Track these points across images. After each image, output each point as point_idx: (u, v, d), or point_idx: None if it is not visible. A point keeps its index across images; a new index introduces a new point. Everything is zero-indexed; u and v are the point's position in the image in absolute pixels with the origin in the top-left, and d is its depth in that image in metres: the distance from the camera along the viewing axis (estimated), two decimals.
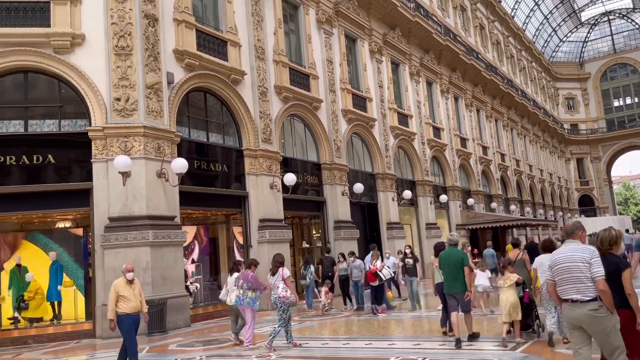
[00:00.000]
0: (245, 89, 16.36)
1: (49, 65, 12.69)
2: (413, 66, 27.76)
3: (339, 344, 8.93)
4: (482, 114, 37.17)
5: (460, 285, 8.16)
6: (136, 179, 12.49)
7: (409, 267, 13.51)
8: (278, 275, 9.13)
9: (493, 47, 43.01)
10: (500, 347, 7.73)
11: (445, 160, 29.61)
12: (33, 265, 13.27)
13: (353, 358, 7.45)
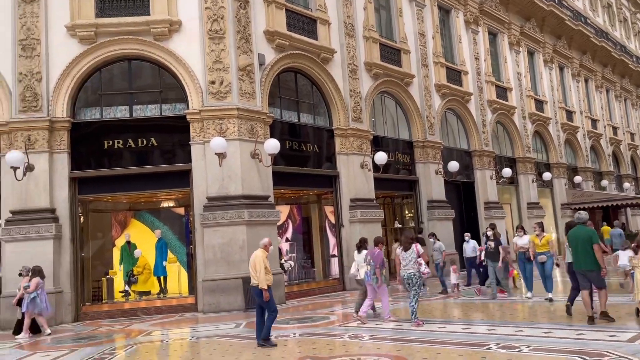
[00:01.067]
0: (335, 68, 16.18)
1: (150, 52, 13.30)
2: (512, 35, 26.01)
3: (433, 327, 8.64)
4: (591, 84, 34.17)
5: (590, 262, 8.03)
6: (231, 160, 12.84)
7: (490, 250, 12.32)
8: (412, 252, 9.12)
9: (603, 10, 39.21)
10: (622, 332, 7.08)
11: (549, 135, 27.64)
12: (141, 242, 14.17)
13: (450, 342, 7.15)
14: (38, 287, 10.92)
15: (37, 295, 10.86)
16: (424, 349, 6.83)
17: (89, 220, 14.02)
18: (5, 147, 12.67)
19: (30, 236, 12.25)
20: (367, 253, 9.81)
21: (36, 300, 10.84)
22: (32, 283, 10.94)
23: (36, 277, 11.01)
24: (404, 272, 9.13)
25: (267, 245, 8.24)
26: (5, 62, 12.95)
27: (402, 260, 9.18)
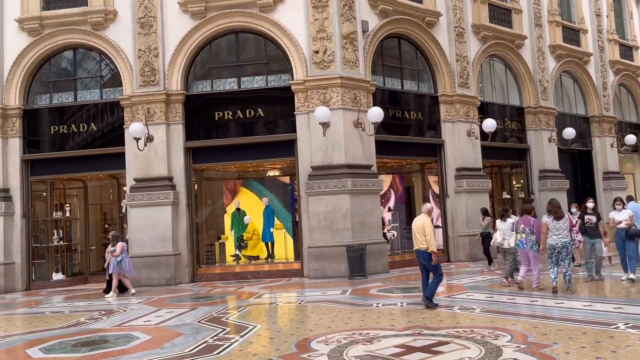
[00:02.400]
0: (441, 31, 15.52)
1: (256, 24, 13.58)
2: None
3: (550, 303, 8.21)
4: None
5: None
6: (335, 129, 12.88)
7: (590, 225, 10.52)
8: (565, 221, 9.12)
9: None
10: None
11: None
12: (249, 210, 14.80)
13: (573, 319, 6.73)
14: (122, 250, 11.86)
15: (122, 258, 11.80)
16: (543, 324, 6.50)
17: (202, 188, 14.85)
18: (128, 119, 13.68)
19: (151, 202, 13.24)
20: (520, 221, 9.76)
21: (122, 263, 11.81)
22: (118, 247, 11.89)
23: (121, 243, 11.97)
24: (556, 241, 9.01)
25: (430, 211, 8.61)
26: (126, 40, 13.87)
27: (554, 230, 9.06)
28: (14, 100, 14.16)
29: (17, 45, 14.20)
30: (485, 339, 5.75)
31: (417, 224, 8.31)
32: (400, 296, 9.41)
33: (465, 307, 7.87)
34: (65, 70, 14.75)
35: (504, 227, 10.82)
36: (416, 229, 8.26)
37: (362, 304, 8.72)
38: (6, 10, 14.33)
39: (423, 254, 8.17)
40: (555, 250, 9.07)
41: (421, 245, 8.13)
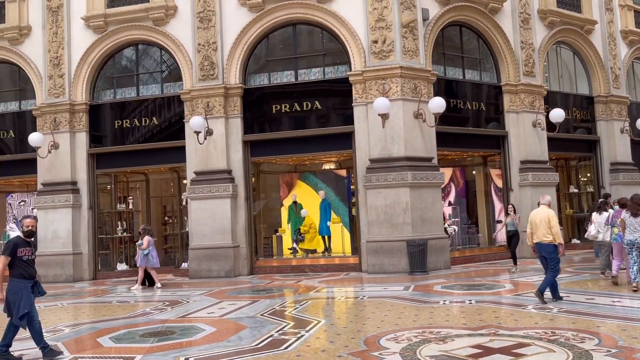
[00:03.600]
0: (504, 18, 14.85)
1: (313, 15, 13.41)
2: None
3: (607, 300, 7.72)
4: None
5: None
6: (394, 121, 12.57)
7: None
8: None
9: None
10: None
11: None
12: (306, 203, 14.71)
13: None
14: (149, 244, 11.98)
15: (149, 251, 11.93)
16: (631, 326, 6.02)
17: (259, 180, 14.89)
18: (188, 113, 13.85)
19: (211, 194, 13.37)
20: (616, 214, 9.46)
21: (148, 256, 11.93)
22: (145, 241, 12.01)
23: (147, 236, 12.09)
24: (636, 237, 8.54)
25: (550, 203, 8.40)
26: (186, 35, 14.03)
27: (631, 225, 8.61)
28: (80, 96, 14.63)
29: (83, 42, 14.65)
30: (570, 341, 5.36)
31: (541, 216, 8.00)
32: (468, 293, 9.04)
33: (540, 306, 7.43)
34: (127, 66, 15.11)
35: (599, 220, 10.32)
36: (540, 221, 7.95)
37: (428, 300, 8.43)
38: (73, 9, 14.79)
39: (547, 247, 7.86)
40: (635, 246, 8.55)
41: (544, 238, 7.85)
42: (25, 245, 5.88)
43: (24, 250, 5.82)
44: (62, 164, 14.43)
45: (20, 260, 5.76)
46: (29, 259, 5.87)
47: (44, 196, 14.39)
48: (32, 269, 5.89)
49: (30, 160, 14.91)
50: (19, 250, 5.77)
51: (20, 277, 5.75)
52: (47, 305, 9.93)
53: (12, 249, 5.77)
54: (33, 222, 6.12)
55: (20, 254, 5.77)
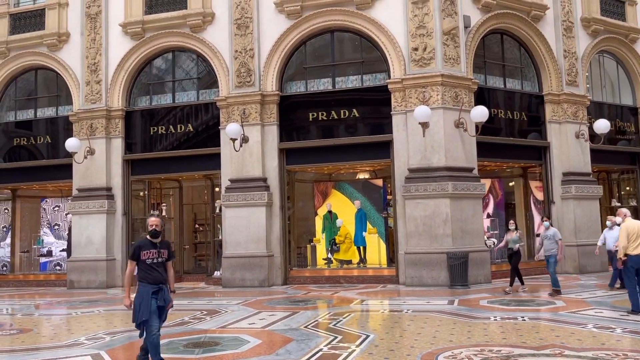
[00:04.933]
0: (547, 26, 14.47)
1: (352, 22, 13.23)
2: None
3: None
4: None
5: None
6: (434, 130, 12.26)
7: None
8: None
9: None
10: None
11: None
12: (341, 212, 14.44)
13: None
14: None
15: None
16: None
17: (294, 189, 14.67)
18: (224, 120, 13.75)
19: (246, 202, 13.21)
20: None
21: None
22: None
23: None
24: None
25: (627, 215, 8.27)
26: (223, 42, 13.97)
27: None
28: (117, 102, 14.66)
29: (120, 49, 14.71)
30: None
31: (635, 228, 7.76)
32: (517, 309, 8.64)
33: (601, 325, 7.01)
34: (163, 73, 15.11)
35: None
36: (631, 233, 7.72)
37: (477, 316, 8.06)
38: (111, 16, 14.87)
39: None
40: None
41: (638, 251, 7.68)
42: (150, 247, 5.48)
43: (149, 253, 5.45)
44: (97, 169, 14.44)
45: (144, 264, 5.42)
46: (154, 262, 5.45)
47: (78, 201, 14.40)
48: (156, 273, 5.45)
49: (65, 166, 14.97)
50: (143, 253, 5.43)
51: (144, 281, 5.40)
52: (84, 312, 9.82)
53: (134, 252, 5.48)
54: (158, 221, 5.61)
55: (144, 256, 5.43)
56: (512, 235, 11.27)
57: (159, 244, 5.56)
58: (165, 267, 5.57)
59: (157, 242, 5.55)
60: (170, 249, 5.69)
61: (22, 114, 16.07)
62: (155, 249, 5.50)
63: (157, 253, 5.49)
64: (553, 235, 10.64)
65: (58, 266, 15.88)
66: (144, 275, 5.41)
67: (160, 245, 5.57)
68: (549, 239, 10.66)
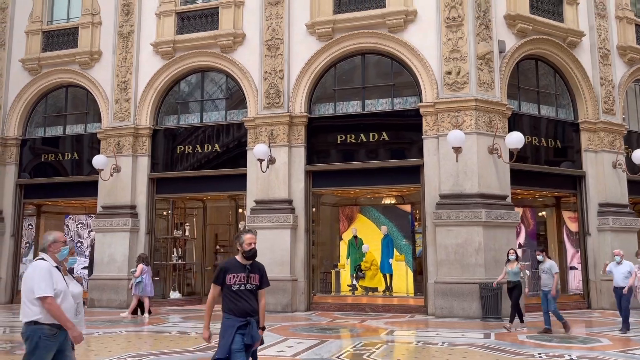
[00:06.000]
0: (583, 53, 14.16)
1: (383, 45, 13.08)
2: None
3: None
4: None
5: None
6: (467, 155, 11.93)
7: None
8: None
9: None
10: None
11: None
12: (366, 238, 14.08)
13: None
14: (142, 272, 11.85)
15: (141, 279, 11.80)
16: None
17: (319, 212, 14.37)
18: (251, 141, 13.60)
19: (271, 224, 12.92)
20: None
21: (140, 285, 11.80)
22: (138, 269, 11.92)
23: (140, 264, 11.97)
24: None
25: None
26: (253, 62, 13.91)
27: None
28: (145, 120, 14.63)
29: (150, 68, 14.74)
30: None
31: None
32: (562, 346, 8.14)
33: None
34: (192, 92, 15.09)
35: None
36: None
37: (521, 352, 7.59)
38: (143, 35, 14.96)
39: None
40: None
41: None
42: (238, 270, 4.58)
43: (236, 277, 4.54)
44: (122, 187, 14.34)
45: (229, 290, 4.53)
46: (242, 289, 4.53)
47: (102, 219, 14.28)
48: (243, 303, 4.52)
49: (90, 183, 14.91)
50: (229, 277, 4.54)
51: (228, 312, 4.52)
52: (106, 332, 9.55)
53: (218, 274, 4.59)
54: (254, 238, 4.73)
55: (230, 281, 4.53)
56: (512, 267, 10.47)
57: (250, 267, 4.65)
58: (256, 295, 4.65)
59: (248, 265, 4.66)
60: (263, 274, 4.75)
61: (50, 130, 16.14)
62: (244, 273, 4.59)
63: (246, 278, 4.58)
64: (549, 269, 9.92)
65: None
66: (229, 305, 4.52)
67: (250, 268, 4.65)
68: (545, 272, 9.96)
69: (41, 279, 4.02)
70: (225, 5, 14.27)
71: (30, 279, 4.06)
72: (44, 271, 4.07)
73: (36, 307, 4.01)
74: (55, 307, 3.99)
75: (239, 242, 4.69)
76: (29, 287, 4.05)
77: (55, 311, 3.99)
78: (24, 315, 4.09)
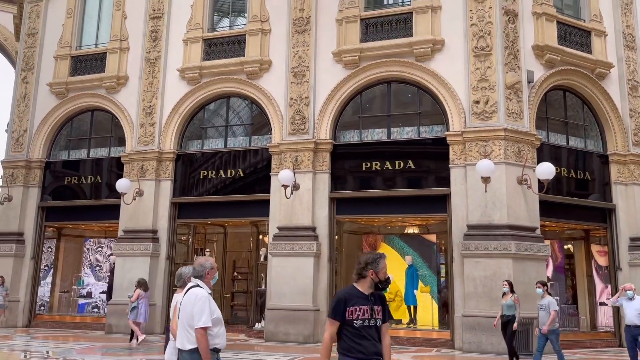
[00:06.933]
0: (611, 84, 14.01)
1: (410, 74, 13.06)
2: None
3: None
4: None
5: None
6: (496, 185, 11.71)
7: None
8: None
9: None
10: None
11: None
12: (390, 267, 13.61)
13: None
14: (139, 298, 11.75)
15: (136, 304, 11.70)
16: None
17: (342, 240, 14.14)
18: (275, 167, 13.53)
19: (293, 252, 12.73)
20: None
21: (134, 310, 11.70)
22: (135, 294, 11.80)
23: (138, 289, 11.87)
24: None
25: None
26: (279, 89, 13.95)
27: None
28: (169, 145, 14.66)
29: (176, 93, 14.84)
30: None
31: None
32: None
33: None
34: (216, 117, 15.13)
35: None
36: None
37: None
38: (169, 61, 15.12)
39: None
40: None
41: None
42: (361, 302, 3.79)
43: (359, 310, 3.76)
44: (144, 211, 14.28)
45: (351, 327, 3.74)
46: (365, 325, 3.75)
47: (123, 243, 14.18)
48: (368, 342, 3.74)
49: (111, 206, 14.88)
50: (350, 310, 3.75)
51: (348, 354, 3.76)
52: None
53: (337, 307, 3.78)
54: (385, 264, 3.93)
55: (351, 315, 3.75)
56: (507, 300, 10.05)
57: (373, 297, 3.84)
58: (379, 332, 3.84)
59: (370, 295, 3.85)
60: (385, 305, 3.94)
61: (74, 153, 16.23)
62: (367, 305, 3.79)
63: (370, 311, 3.78)
64: (548, 306, 9.36)
65: (96, 308, 15.54)
66: (350, 345, 3.73)
67: (374, 299, 3.85)
68: (543, 309, 9.43)
69: (203, 308, 4.11)
70: (252, 33, 14.41)
71: (191, 306, 4.15)
72: (205, 300, 4.14)
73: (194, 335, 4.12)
74: (205, 339, 4.08)
75: (373, 267, 3.85)
76: (189, 313, 4.14)
77: (204, 343, 4.07)
78: (187, 342, 4.17)
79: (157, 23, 15.35)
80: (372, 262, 3.90)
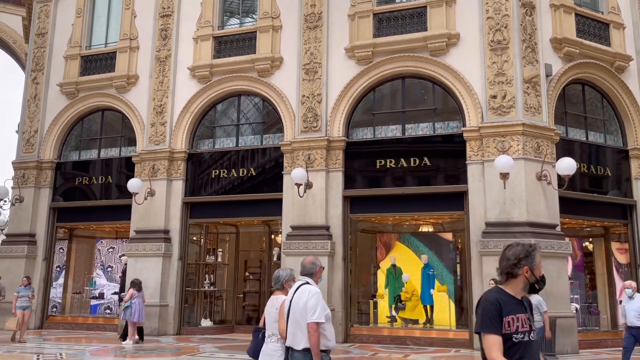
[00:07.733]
0: (631, 78, 13.67)
1: (425, 69, 12.80)
2: None
3: None
4: None
5: None
6: (515, 182, 11.43)
7: None
8: None
9: None
10: None
11: None
12: (405, 267, 13.54)
13: None
14: (132, 297, 11.68)
15: (129, 304, 11.64)
16: None
17: (356, 239, 13.90)
18: (287, 165, 13.33)
19: (307, 251, 12.37)
20: None
21: (128, 310, 11.62)
22: (128, 294, 11.76)
23: (131, 289, 11.83)
24: None
25: None
26: (291, 86, 13.74)
27: None
28: (180, 144, 14.50)
29: (187, 92, 14.68)
30: None
31: None
32: None
33: None
34: (228, 116, 14.95)
35: None
36: None
37: None
38: (180, 59, 14.96)
39: None
40: None
41: None
42: (517, 310, 2.94)
43: (517, 321, 2.90)
44: (156, 211, 14.13)
45: (510, 342, 2.87)
46: (526, 340, 2.89)
47: (135, 243, 14.04)
48: None
49: (122, 207, 14.74)
50: (507, 320, 2.87)
51: None
52: None
53: (493, 315, 2.86)
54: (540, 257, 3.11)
55: (509, 327, 2.87)
56: None
57: (525, 302, 3.05)
58: (536, 350, 3.03)
59: (522, 299, 3.05)
60: (532, 311, 3.12)
61: (85, 153, 16.12)
62: (524, 313, 2.96)
63: (528, 321, 2.96)
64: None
65: (108, 310, 15.43)
66: None
67: (526, 305, 3.05)
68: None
69: (317, 303, 4.29)
70: (263, 30, 14.22)
71: (304, 301, 4.31)
72: (319, 295, 4.36)
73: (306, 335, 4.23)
74: (317, 334, 4.20)
75: (528, 263, 3.02)
76: (302, 309, 4.27)
77: (316, 337, 4.19)
78: (300, 341, 4.29)
79: (167, 21, 15.20)
80: (525, 256, 3.03)
